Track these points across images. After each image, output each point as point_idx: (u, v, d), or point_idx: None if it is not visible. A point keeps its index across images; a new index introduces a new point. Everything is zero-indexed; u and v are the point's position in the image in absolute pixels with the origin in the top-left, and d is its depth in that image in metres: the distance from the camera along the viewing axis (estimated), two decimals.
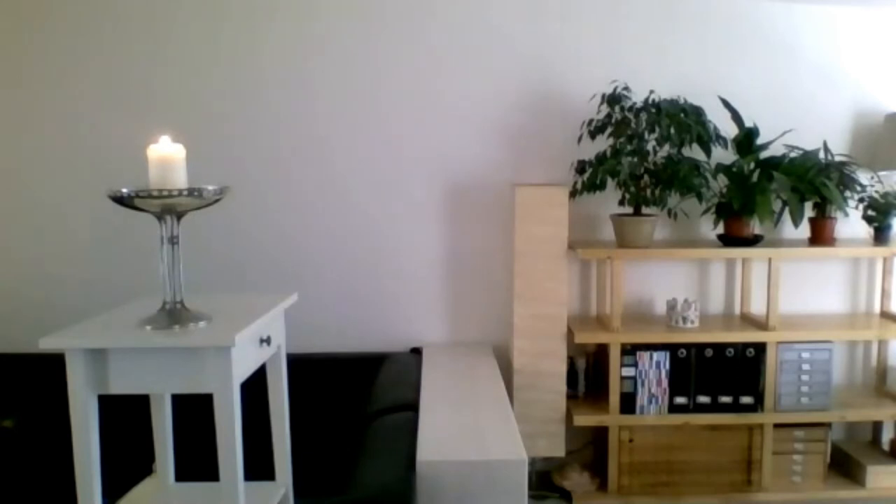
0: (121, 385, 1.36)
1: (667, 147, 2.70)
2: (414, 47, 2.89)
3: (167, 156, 1.39)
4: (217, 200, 1.43)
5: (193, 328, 1.39)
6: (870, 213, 2.85)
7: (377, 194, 2.95)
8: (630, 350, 2.75)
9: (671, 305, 2.83)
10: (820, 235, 2.86)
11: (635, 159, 2.66)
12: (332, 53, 2.88)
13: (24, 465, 2.64)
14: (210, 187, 1.40)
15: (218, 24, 2.85)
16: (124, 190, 1.35)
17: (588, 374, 2.95)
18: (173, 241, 1.43)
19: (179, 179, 1.40)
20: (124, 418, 2.53)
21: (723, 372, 2.78)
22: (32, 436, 2.67)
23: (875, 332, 2.81)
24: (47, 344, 1.31)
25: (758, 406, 2.79)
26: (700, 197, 2.72)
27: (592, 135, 2.75)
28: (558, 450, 2.78)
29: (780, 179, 2.68)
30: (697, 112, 2.69)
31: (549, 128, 2.94)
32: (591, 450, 3.06)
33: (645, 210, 2.79)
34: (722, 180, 2.85)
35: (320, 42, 2.87)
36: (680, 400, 2.78)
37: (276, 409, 1.72)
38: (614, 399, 2.75)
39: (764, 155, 2.83)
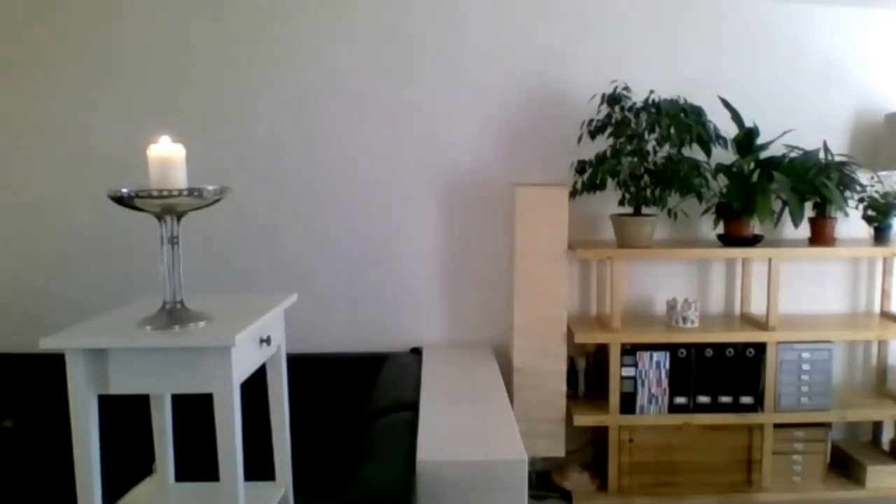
0: (121, 385, 1.36)
1: (667, 147, 2.70)
2: (413, 47, 2.89)
3: (167, 156, 1.39)
4: (217, 200, 1.43)
5: (193, 328, 1.39)
6: (870, 213, 2.85)
7: (377, 194, 2.95)
8: (630, 350, 2.75)
9: (671, 305, 2.83)
10: (820, 235, 2.86)
11: (635, 159, 2.66)
12: (331, 54, 2.88)
13: (24, 465, 2.64)
14: (210, 187, 1.40)
15: (219, 25, 2.85)
16: (124, 190, 1.35)
17: (588, 374, 2.95)
18: (173, 241, 1.43)
19: (179, 179, 1.40)
20: (124, 418, 2.53)
21: (723, 372, 2.78)
22: (32, 436, 2.67)
23: (875, 332, 2.81)
24: (47, 344, 1.31)
25: (758, 406, 2.79)
26: (700, 197, 2.72)
27: (592, 135, 2.75)
28: (558, 450, 2.78)
29: (780, 179, 2.68)
30: (697, 112, 2.69)
31: (549, 128, 2.94)
32: (591, 450, 3.06)
33: (645, 210, 2.79)
34: (722, 180, 2.85)
35: (321, 42, 2.87)
36: (680, 400, 2.78)
37: (276, 409, 1.72)
38: (614, 399, 2.75)
39: (764, 155, 2.83)
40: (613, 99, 2.71)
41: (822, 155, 2.88)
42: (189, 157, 1.47)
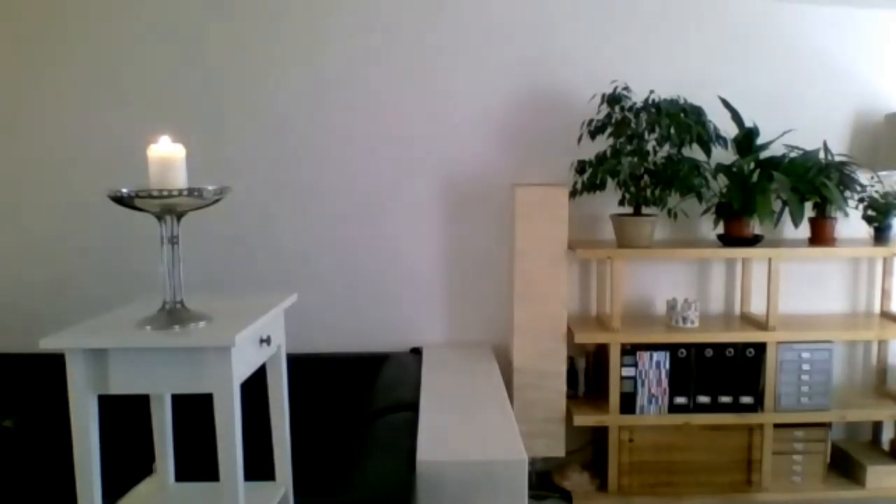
0: (121, 385, 1.36)
1: (667, 147, 2.70)
2: (414, 47, 2.89)
3: (167, 156, 1.39)
4: (217, 200, 1.43)
5: (193, 328, 1.39)
6: (870, 213, 2.85)
7: (377, 194, 2.95)
8: (630, 350, 2.75)
9: (671, 305, 2.83)
10: (820, 235, 2.86)
11: (635, 159, 2.66)
12: (331, 54, 2.88)
13: (24, 465, 2.64)
14: (210, 187, 1.40)
15: (219, 25, 2.85)
16: (124, 190, 1.35)
17: (588, 374, 2.95)
18: (173, 241, 1.43)
19: (179, 179, 1.40)
20: (124, 418, 2.53)
21: (723, 372, 2.78)
22: (32, 436, 2.67)
23: (875, 332, 2.81)
24: (47, 344, 1.31)
25: (758, 406, 2.79)
26: (700, 197, 2.72)
27: (592, 135, 2.75)
28: (558, 450, 2.78)
29: (780, 179, 2.68)
30: (697, 112, 2.69)
31: (549, 128, 2.94)
32: (590, 450, 3.06)
33: (645, 210, 2.79)
34: (722, 180, 2.85)
35: (320, 43, 2.87)
36: (680, 400, 2.78)
37: (276, 409, 1.72)
38: (614, 399, 2.75)
39: (764, 155, 2.83)
40: (613, 99, 2.71)
41: (822, 155, 2.88)
42: (189, 157, 1.47)
